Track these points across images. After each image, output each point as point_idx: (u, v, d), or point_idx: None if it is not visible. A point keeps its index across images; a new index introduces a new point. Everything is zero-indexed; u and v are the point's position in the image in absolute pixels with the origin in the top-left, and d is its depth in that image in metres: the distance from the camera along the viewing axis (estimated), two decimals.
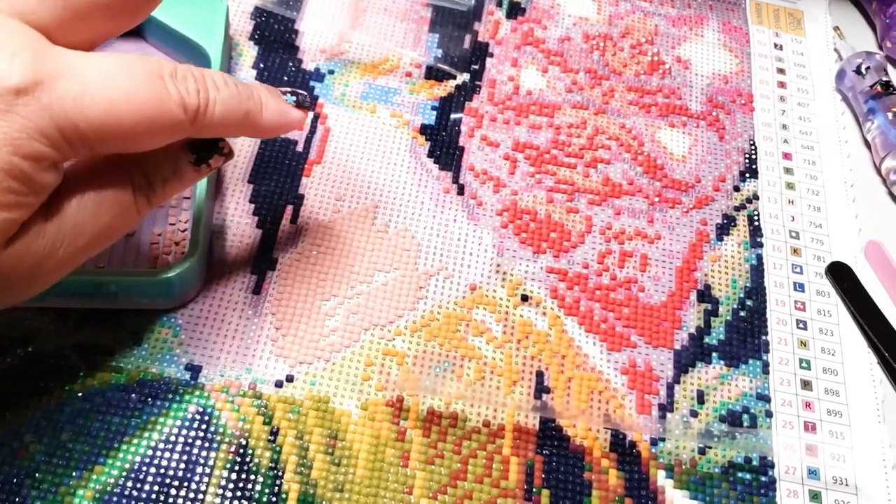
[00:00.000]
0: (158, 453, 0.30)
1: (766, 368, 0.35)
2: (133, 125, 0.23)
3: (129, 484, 0.29)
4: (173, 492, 0.29)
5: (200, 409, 0.31)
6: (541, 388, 0.33)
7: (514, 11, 0.44)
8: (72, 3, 0.23)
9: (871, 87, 0.42)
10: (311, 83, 0.40)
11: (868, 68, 0.43)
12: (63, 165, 0.24)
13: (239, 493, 0.29)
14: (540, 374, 0.33)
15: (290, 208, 0.36)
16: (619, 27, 0.45)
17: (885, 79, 0.42)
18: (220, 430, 0.30)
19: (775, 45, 0.46)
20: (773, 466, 0.32)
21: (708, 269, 0.37)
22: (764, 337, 0.36)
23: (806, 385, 0.35)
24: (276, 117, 0.28)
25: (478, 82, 0.41)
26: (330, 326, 0.33)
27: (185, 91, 0.24)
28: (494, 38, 0.43)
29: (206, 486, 0.29)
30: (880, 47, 0.46)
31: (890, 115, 0.41)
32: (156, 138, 0.24)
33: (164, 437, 0.30)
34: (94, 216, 0.25)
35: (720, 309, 0.36)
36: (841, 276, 0.37)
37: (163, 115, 0.24)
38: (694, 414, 0.33)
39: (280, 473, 0.30)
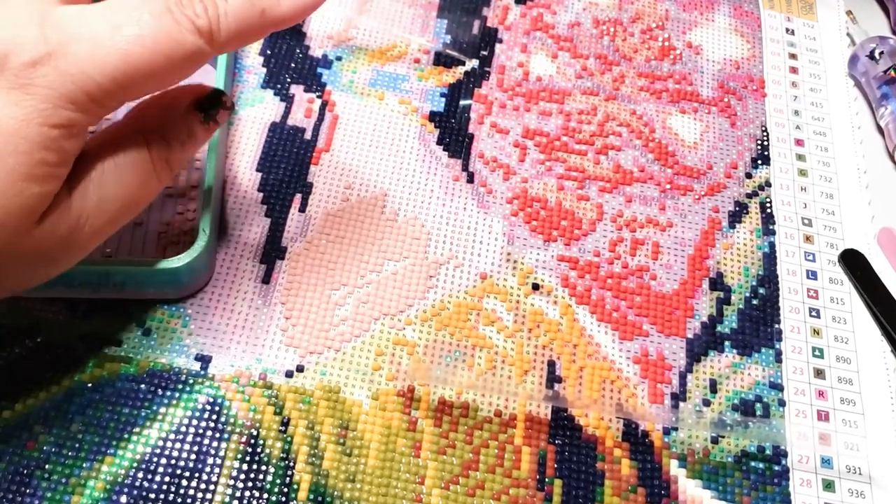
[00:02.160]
0: (169, 444, 0.29)
1: (778, 357, 0.34)
2: (152, 66, 0.23)
3: (140, 475, 0.29)
4: (184, 483, 0.29)
5: (211, 400, 0.31)
6: (552, 378, 0.33)
7: None
8: None
9: (885, 72, 0.41)
10: (319, 70, 0.39)
11: (882, 53, 0.42)
12: (87, 132, 0.24)
13: (250, 484, 0.29)
14: (552, 364, 0.33)
15: (298, 197, 0.36)
16: (629, 12, 0.44)
17: None
18: (231, 420, 0.30)
19: (787, 30, 0.45)
20: (786, 455, 0.32)
21: (720, 257, 0.37)
22: (777, 325, 0.35)
23: (819, 374, 0.34)
24: (295, 3, 0.26)
25: (487, 68, 0.41)
26: (340, 316, 0.33)
27: (193, 15, 0.24)
28: (503, 24, 0.43)
29: (218, 477, 0.29)
30: (894, 32, 0.45)
31: None
32: (181, 71, 0.24)
33: (174, 428, 0.30)
34: (116, 185, 0.25)
35: (732, 297, 0.36)
36: (854, 263, 0.37)
37: (178, 46, 0.23)
38: (707, 403, 0.33)
39: (291, 464, 0.30)
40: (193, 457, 0.29)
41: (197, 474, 0.29)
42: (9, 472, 0.28)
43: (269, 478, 0.29)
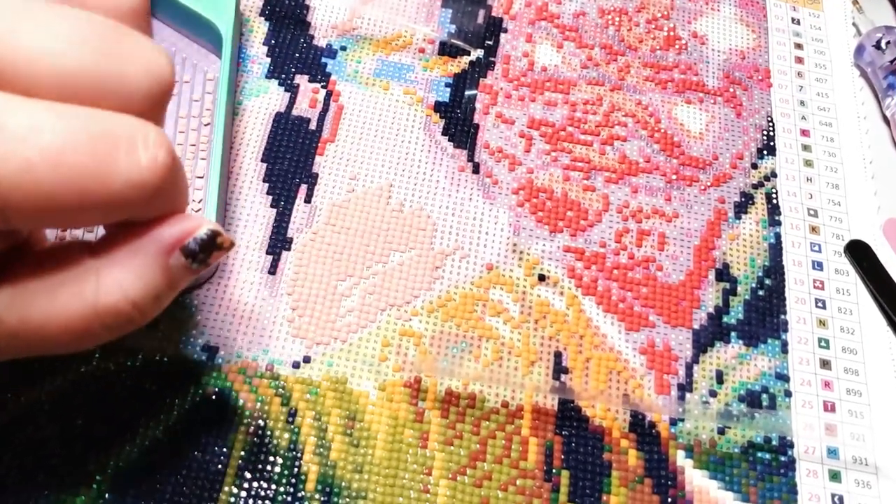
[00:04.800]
0: (176, 435, 0.29)
1: (784, 348, 0.34)
2: (55, 195, 0.18)
3: (147, 467, 0.29)
4: (192, 474, 0.29)
5: (217, 391, 0.30)
6: (559, 369, 0.33)
7: None
8: None
9: (891, 62, 0.41)
10: (324, 60, 0.39)
11: (888, 43, 0.42)
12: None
13: (258, 475, 0.29)
14: (558, 355, 0.33)
15: (304, 187, 0.36)
16: (634, 1, 0.44)
17: None
18: (238, 411, 0.30)
19: (793, 20, 0.45)
20: (792, 446, 0.32)
21: (726, 248, 0.37)
22: (783, 316, 0.35)
23: (825, 364, 0.34)
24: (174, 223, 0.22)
25: (492, 58, 0.41)
26: (346, 307, 0.33)
27: (137, 159, 0.19)
28: (508, 14, 0.42)
29: (225, 468, 0.29)
30: None
31: None
32: (90, 216, 0.20)
33: (181, 420, 0.30)
34: (41, 311, 0.21)
35: (739, 288, 0.36)
36: (860, 254, 0.37)
37: (101, 187, 0.19)
38: (713, 394, 0.33)
39: (299, 455, 0.30)
40: (201, 448, 0.29)
41: (204, 466, 0.29)
42: (14, 466, 0.28)
43: (277, 469, 0.29)
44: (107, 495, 0.28)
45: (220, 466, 0.29)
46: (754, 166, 0.39)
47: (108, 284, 0.21)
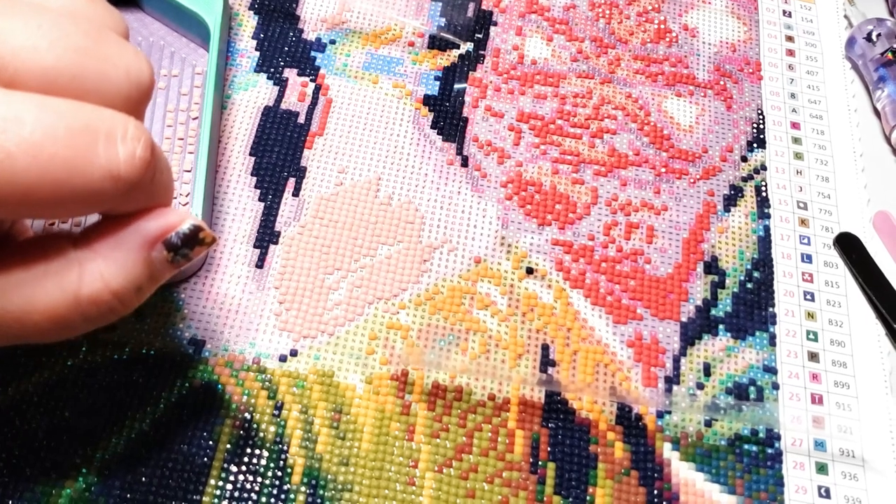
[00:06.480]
0: (162, 428, 0.30)
1: (772, 340, 0.34)
2: (32, 187, 0.19)
3: (134, 460, 0.29)
4: (178, 467, 0.29)
5: (204, 384, 0.31)
6: (546, 362, 0.33)
7: None
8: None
9: (882, 54, 0.41)
10: (313, 53, 0.39)
11: (879, 35, 0.42)
12: None
13: (244, 468, 0.29)
14: (545, 348, 0.33)
15: (292, 181, 0.36)
16: None
17: None
18: (225, 404, 0.30)
19: (784, 13, 0.45)
20: (779, 438, 0.32)
21: (715, 241, 0.37)
22: (771, 309, 0.35)
23: (813, 357, 0.34)
24: (157, 214, 0.22)
25: (481, 51, 0.41)
26: (334, 300, 0.33)
27: (117, 153, 0.20)
28: (498, 6, 0.42)
29: (211, 461, 0.29)
30: (891, 14, 0.45)
31: None
32: (67, 209, 0.20)
33: (167, 413, 0.30)
34: (23, 299, 0.21)
35: (727, 281, 0.36)
36: (849, 246, 0.37)
37: (79, 179, 0.19)
38: (700, 386, 0.33)
39: (285, 447, 0.30)
40: (187, 441, 0.29)
41: (190, 458, 0.29)
42: (1, 458, 0.28)
43: (263, 461, 0.29)
44: (93, 488, 0.28)
45: (206, 459, 0.29)
46: (744, 159, 0.39)
47: (91, 275, 0.22)
